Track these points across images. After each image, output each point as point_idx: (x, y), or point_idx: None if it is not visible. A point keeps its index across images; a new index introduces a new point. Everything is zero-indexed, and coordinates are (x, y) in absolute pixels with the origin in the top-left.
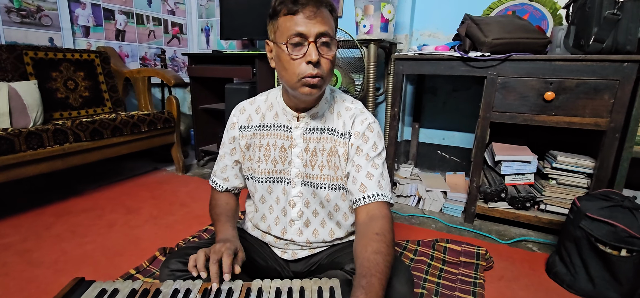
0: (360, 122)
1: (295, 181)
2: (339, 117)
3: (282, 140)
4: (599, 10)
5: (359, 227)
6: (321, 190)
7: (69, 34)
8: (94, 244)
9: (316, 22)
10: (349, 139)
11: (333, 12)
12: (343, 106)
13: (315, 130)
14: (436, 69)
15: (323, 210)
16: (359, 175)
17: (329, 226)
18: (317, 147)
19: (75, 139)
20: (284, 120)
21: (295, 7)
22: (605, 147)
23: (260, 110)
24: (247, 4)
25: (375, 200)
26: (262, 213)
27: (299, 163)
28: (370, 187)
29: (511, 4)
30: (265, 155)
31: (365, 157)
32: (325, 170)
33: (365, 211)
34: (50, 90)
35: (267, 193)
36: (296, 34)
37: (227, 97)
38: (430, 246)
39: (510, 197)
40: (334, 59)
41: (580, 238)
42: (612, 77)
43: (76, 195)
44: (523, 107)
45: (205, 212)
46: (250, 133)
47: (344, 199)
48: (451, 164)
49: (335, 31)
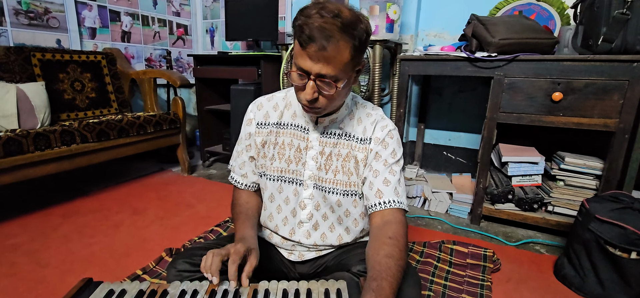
0: (381, 128)
1: (307, 183)
2: (360, 123)
3: (299, 140)
4: (608, 10)
5: (372, 230)
6: (332, 195)
7: (76, 36)
8: (100, 245)
9: (319, 62)
10: (369, 144)
11: (353, 39)
12: (364, 112)
13: (333, 134)
14: (442, 69)
15: (333, 215)
16: (376, 180)
17: (338, 231)
18: (333, 152)
19: (82, 139)
20: (302, 120)
21: (302, 40)
22: (615, 148)
23: (278, 107)
24: (251, 4)
25: (391, 207)
26: (270, 212)
27: (314, 166)
28: (386, 193)
29: (518, 3)
30: (279, 154)
31: (383, 162)
32: (339, 175)
33: (380, 216)
34: (58, 92)
35: (277, 192)
36: (299, 67)
37: (233, 98)
38: (436, 248)
39: (518, 199)
40: (338, 93)
41: (590, 240)
42: (622, 77)
43: (83, 195)
44: (530, 107)
45: (211, 213)
46: (267, 130)
47: (356, 205)
48: (457, 165)
49: (349, 64)
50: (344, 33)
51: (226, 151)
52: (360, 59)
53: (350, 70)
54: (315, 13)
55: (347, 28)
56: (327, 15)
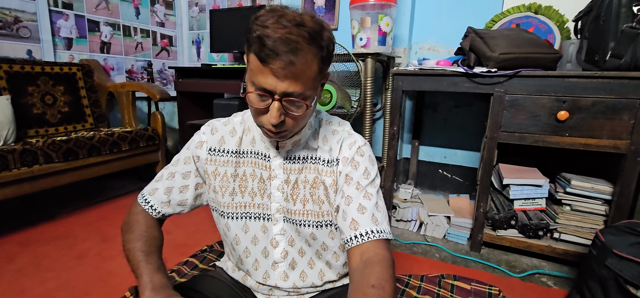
0: (348, 146)
1: (276, 217)
2: (325, 143)
3: (261, 169)
4: (616, 24)
5: (352, 274)
6: (304, 228)
7: (50, 46)
8: (58, 280)
9: (285, 79)
10: (336, 166)
11: (320, 50)
12: (329, 129)
13: (297, 159)
14: (438, 85)
15: (310, 249)
16: (349, 209)
17: (318, 266)
18: (299, 179)
19: (47, 159)
20: (261, 147)
21: (263, 55)
22: (626, 171)
23: (236, 132)
24: (237, 15)
25: (371, 239)
26: (237, 256)
27: (280, 196)
28: (363, 223)
29: (515, 16)
30: (240, 187)
31: (355, 186)
32: (309, 205)
33: (359, 253)
34: (26, 106)
35: (242, 232)
36: (259, 86)
37: (216, 112)
38: (435, 283)
39: (521, 225)
40: (306, 112)
41: (607, 278)
42: (632, 96)
43: (48, 220)
44: (533, 127)
45: (188, 240)
46: (223, 159)
47: (333, 237)
48: (453, 184)
49: (317, 78)
50: (311, 44)
51: None
52: (326, 71)
53: (317, 84)
54: (274, 22)
55: (313, 38)
56: (289, 25)
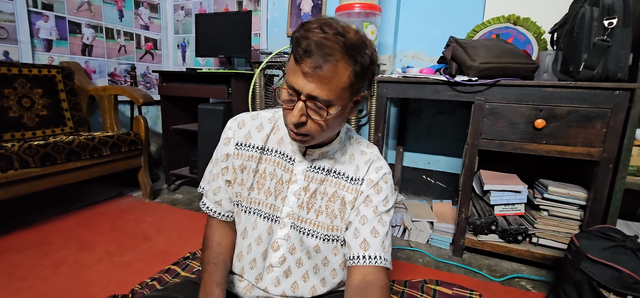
0: (375, 170)
1: (285, 221)
2: (352, 161)
3: (282, 171)
4: (588, 37)
5: (351, 291)
6: (310, 238)
7: (28, 48)
8: (32, 291)
9: (312, 81)
10: (360, 185)
11: (354, 64)
12: (358, 149)
13: (321, 170)
14: (422, 92)
15: (309, 262)
16: (363, 228)
17: (312, 282)
18: (319, 189)
19: (22, 164)
20: (288, 149)
21: (297, 55)
22: (599, 178)
23: (263, 128)
24: (223, 20)
25: (376, 264)
26: (240, 249)
27: (294, 202)
28: (373, 246)
29: (495, 27)
30: (258, 183)
31: (373, 209)
32: (322, 217)
33: (362, 274)
34: (1, 109)
35: (251, 228)
36: (290, 85)
37: (201, 117)
38: (418, 288)
39: (501, 230)
40: (328, 121)
41: (582, 282)
42: (604, 105)
43: (23, 227)
44: (513, 134)
45: (170, 247)
46: (248, 154)
47: (337, 253)
48: (437, 190)
49: (346, 91)
50: (345, 54)
51: (193, 174)
52: (361, 88)
53: (347, 97)
54: (317, 28)
55: (349, 49)
56: (330, 32)
